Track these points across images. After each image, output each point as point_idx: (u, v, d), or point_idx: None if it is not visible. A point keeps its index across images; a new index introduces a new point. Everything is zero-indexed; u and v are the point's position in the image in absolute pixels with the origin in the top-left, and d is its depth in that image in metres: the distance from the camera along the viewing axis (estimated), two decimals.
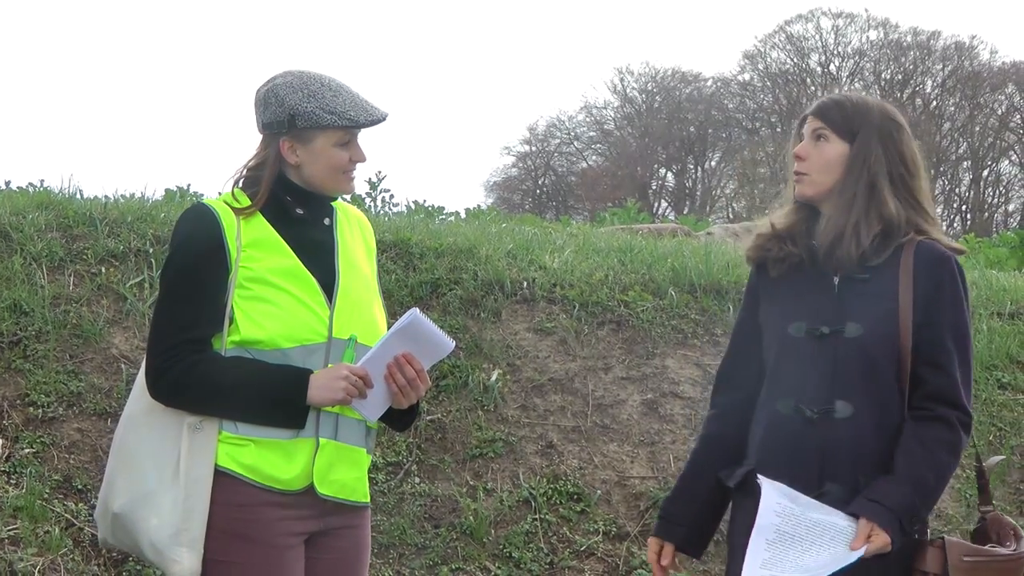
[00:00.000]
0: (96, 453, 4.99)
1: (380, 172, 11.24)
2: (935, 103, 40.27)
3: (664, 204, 41.95)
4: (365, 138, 2.92)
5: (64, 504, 4.77)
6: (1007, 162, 40.34)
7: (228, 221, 2.78)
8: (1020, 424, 6.39)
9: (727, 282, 6.79)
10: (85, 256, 5.91)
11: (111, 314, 5.63)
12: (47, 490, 4.78)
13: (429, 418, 5.62)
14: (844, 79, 40.10)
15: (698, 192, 42.81)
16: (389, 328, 2.79)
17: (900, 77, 40.76)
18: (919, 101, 39.22)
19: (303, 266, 2.80)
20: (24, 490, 4.72)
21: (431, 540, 5.15)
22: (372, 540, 3.00)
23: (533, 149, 43.32)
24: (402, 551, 5.09)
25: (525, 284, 6.49)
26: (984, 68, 40.15)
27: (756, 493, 2.75)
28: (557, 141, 43.53)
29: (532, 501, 5.39)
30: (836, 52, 41.41)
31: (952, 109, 40.43)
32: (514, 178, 43.40)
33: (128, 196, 7.29)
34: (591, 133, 43.73)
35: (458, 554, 5.12)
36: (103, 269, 5.85)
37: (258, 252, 2.78)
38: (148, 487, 2.72)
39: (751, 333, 2.88)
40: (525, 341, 6.16)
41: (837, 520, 2.59)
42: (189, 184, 10.69)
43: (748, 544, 2.61)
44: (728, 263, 7.10)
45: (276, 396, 2.71)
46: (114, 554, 4.61)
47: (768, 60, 42.43)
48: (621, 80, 43.50)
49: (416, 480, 5.38)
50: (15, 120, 56.24)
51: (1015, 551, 2.71)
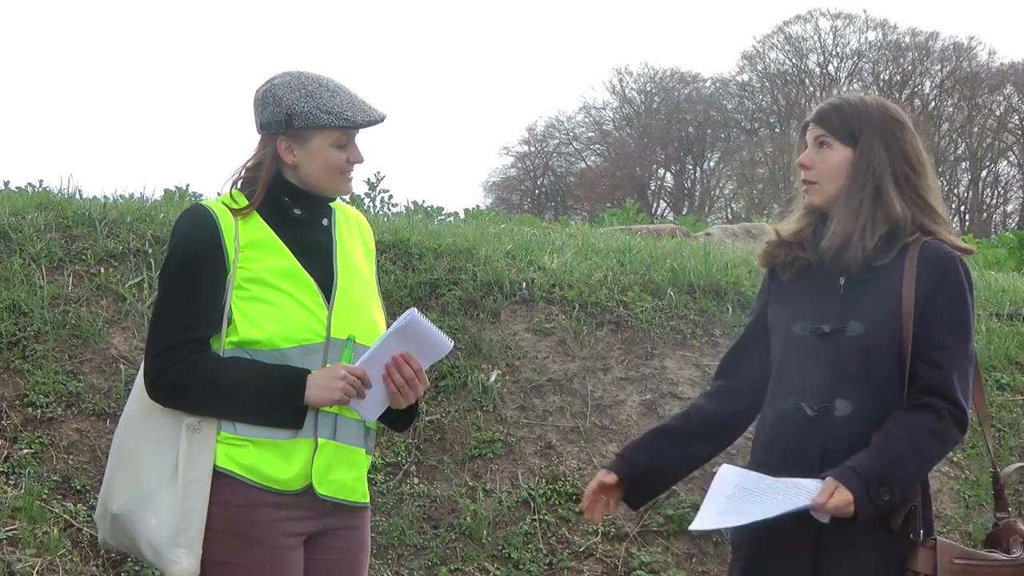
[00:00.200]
0: (95, 454, 4.99)
1: (379, 172, 11.22)
2: (933, 104, 40.29)
3: (663, 205, 41.96)
4: (364, 139, 2.92)
5: (63, 505, 4.76)
6: (1005, 163, 40.39)
7: (226, 222, 2.78)
8: (1019, 425, 6.38)
9: (726, 283, 6.79)
10: (84, 256, 5.91)
11: (110, 314, 5.63)
12: (46, 491, 4.78)
13: (428, 419, 5.61)
14: (843, 80, 40.11)
15: (697, 193, 42.81)
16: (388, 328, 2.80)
17: (899, 78, 40.79)
18: (917, 102, 39.23)
19: (301, 266, 2.80)
20: (23, 491, 4.72)
21: (430, 541, 5.15)
22: (371, 541, 2.99)
23: (532, 149, 43.35)
24: (401, 552, 5.09)
25: (524, 285, 6.48)
26: (982, 69, 40.19)
27: None
28: (556, 141, 43.56)
29: (531, 502, 5.39)
30: (835, 53, 41.45)
31: (950, 110, 40.47)
32: (513, 178, 43.43)
33: (127, 196, 7.28)
34: (590, 133, 43.76)
35: (457, 555, 5.12)
36: (102, 269, 5.84)
37: (256, 253, 2.78)
38: (147, 488, 2.71)
39: (758, 333, 2.90)
40: (524, 342, 6.15)
41: (803, 481, 2.59)
42: (188, 184, 10.65)
43: (705, 501, 2.62)
44: (727, 264, 7.09)
45: (274, 396, 2.71)
46: (112, 555, 4.61)
47: (767, 61, 42.48)
48: (620, 80, 43.55)
49: (415, 481, 5.38)
50: (14, 120, 56.25)
51: (1013, 558, 2.70)
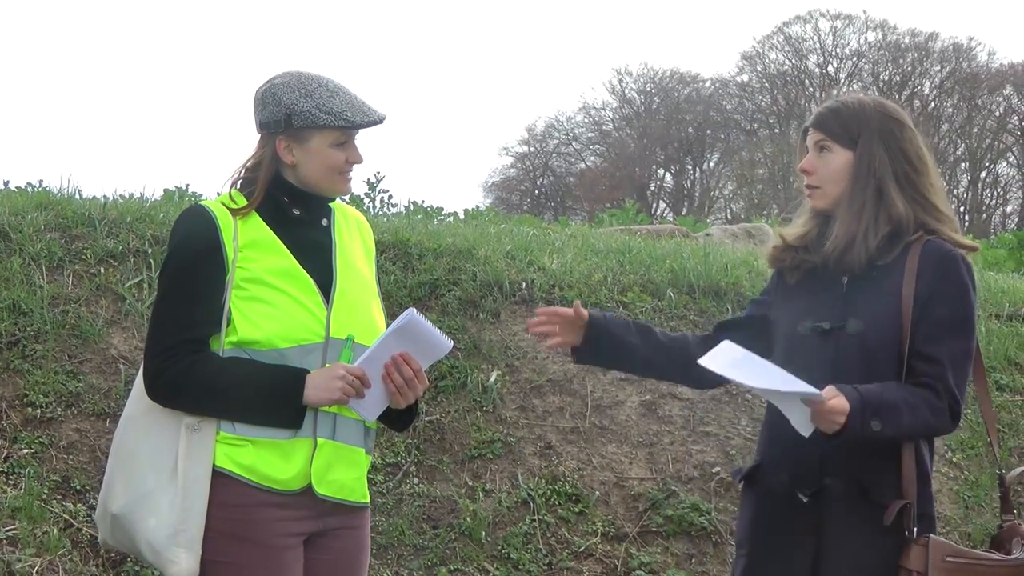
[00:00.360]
0: (94, 454, 4.98)
1: (379, 173, 11.24)
2: (933, 104, 40.30)
3: (662, 205, 42.01)
4: (363, 139, 2.92)
5: (62, 505, 4.76)
6: (1005, 163, 40.42)
7: (225, 222, 2.78)
8: (1018, 426, 6.39)
9: (725, 283, 6.80)
10: (84, 256, 5.91)
11: (110, 314, 5.62)
12: (45, 491, 4.78)
13: (428, 419, 5.61)
14: (842, 80, 40.13)
15: (696, 193, 42.83)
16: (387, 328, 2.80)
17: (898, 78, 40.80)
18: (917, 102, 39.23)
19: (300, 266, 2.80)
20: (22, 491, 4.72)
21: (430, 541, 5.15)
22: (371, 541, 2.99)
23: (531, 150, 43.37)
24: (401, 552, 5.09)
25: (524, 285, 6.48)
26: (982, 69, 40.21)
27: (763, 487, 2.78)
28: (555, 142, 43.58)
29: (531, 502, 5.39)
30: (834, 53, 41.47)
31: (950, 110, 40.48)
32: (512, 179, 43.44)
33: (127, 196, 7.27)
34: (589, 134, 43.79)
35: (456, 555, 5.12)
36: (102, 269, 5.84)
37: (255, 253, 2.78)
38: (146, 488, 2.72)
39: (758, 319, 2.93)
40: (524, 342, 6.15)
41: (805, 384, 2.59)
42: (188, 184, 10.66)
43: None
44: (727, 264, 7.10)
45: (273, 396, 2.71)
46: (112, 555, 4.61)
47: (766, 61, 42.50)
48: (620, 81, 43.58)
49: (415, 481, 5.38)
50: (14, 120, 56.25)
51: (1008, 558, 2.71)
